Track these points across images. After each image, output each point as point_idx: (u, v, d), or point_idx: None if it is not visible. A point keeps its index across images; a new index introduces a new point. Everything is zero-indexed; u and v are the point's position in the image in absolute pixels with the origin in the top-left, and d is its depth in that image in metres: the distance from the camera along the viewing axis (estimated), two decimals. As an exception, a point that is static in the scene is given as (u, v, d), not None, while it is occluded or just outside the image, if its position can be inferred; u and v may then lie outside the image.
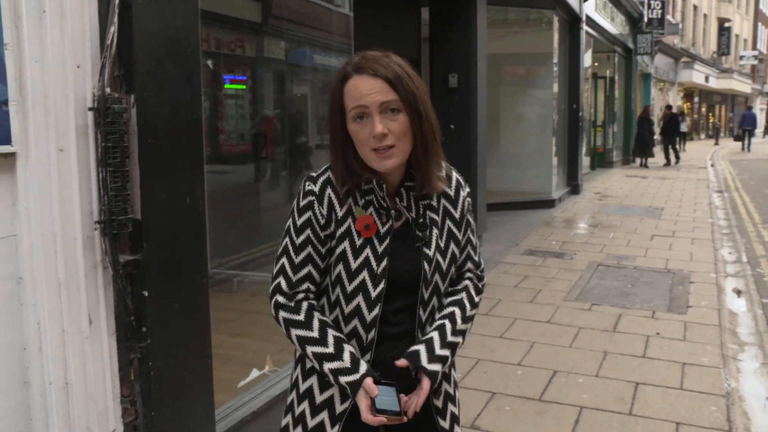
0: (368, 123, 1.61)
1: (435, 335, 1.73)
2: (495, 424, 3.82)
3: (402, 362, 1.67)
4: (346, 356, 1.66)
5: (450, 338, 1.74)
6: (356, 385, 1.63)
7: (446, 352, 1.72)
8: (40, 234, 2.15)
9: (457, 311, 1.79)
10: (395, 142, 1.62)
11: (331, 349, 1.66)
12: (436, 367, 1.69)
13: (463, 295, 1.83)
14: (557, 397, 4.18)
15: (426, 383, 1.67)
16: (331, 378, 1.67)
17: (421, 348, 1.69)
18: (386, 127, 1.60)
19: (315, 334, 1.68)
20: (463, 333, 1.78)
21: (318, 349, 1.67)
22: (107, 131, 2.30)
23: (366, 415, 1.61)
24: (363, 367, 1.66)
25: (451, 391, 1.86)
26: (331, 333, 1.69)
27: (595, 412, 3.97)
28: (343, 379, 1.65)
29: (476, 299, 1.86)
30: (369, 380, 1.63)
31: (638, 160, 21.18)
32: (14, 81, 2.05)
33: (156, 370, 2.54)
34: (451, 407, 1.85)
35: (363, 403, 1.63)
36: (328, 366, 1.67)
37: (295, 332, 1.70)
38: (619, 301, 6.21)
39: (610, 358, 4.80)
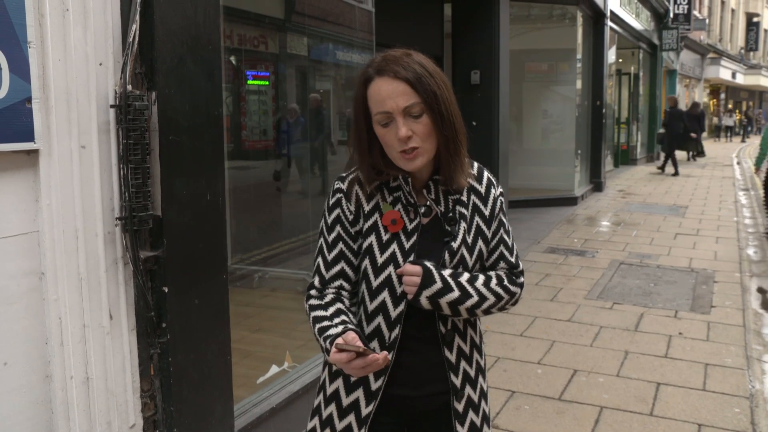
0: (393, 127, 1.62)
1: (465, 272, 1.71)
2: (514, 424, 3.80)
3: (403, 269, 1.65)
4: (338, 320, 1.64)
5: (462, 279, 1.68)
6: (336, 336, 1.56)
7: (450, 281, 1.66)
8: (62, 230, 2.18)
9: (481, 275, 1.73)
10: (420, 143, 1.63)
11: (329, 320, 1.64)
12: (433, 267, 1.65)
13: (493, 273, 1.78)
14: (577, 396, 4.15)
15: (416, 268, 1.64)
16: (321, 342, 1.62)
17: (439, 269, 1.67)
18: (410, 129, 1.61)
19: (327, 314, 1.67)
20: (479, 293, 1.69)
21: (323, 324, 1.64)
22: (128, 128, 2.32)
23: (331, 355, 1.53)
24: (350, 327, 1.60)
25: (475, 398, 1.80)
26: (342, 316, 1.66)
27: (615, 412, 3.94)
28: (325, 334, 1.60)
29: (506, 281, 1.77)
30: (350, 332, 1.55)
31: (686, 155, 21.32)
32: (37, 78, 2.06)
33: (175, 365, 2.56)
34: (472, 415, 1.80)
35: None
36: (318, 327, 1.64)
37: (312, 314, 1.70)
38: (642, 300, 6.15)
39: (631, 358, 4.77)
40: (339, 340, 1.52)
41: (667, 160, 17.45)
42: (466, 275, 1.70)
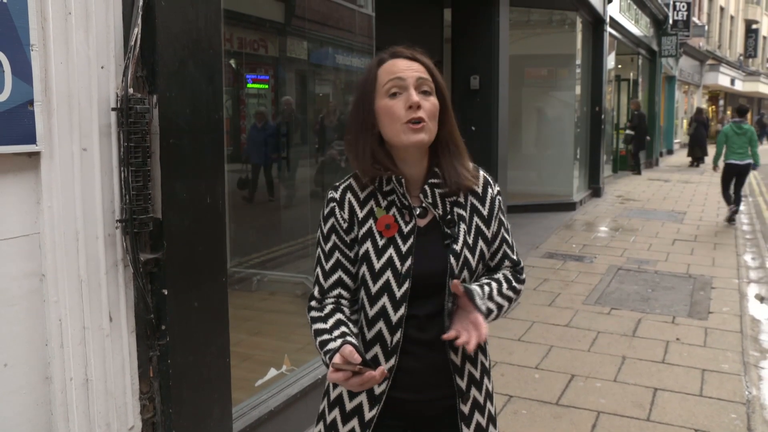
0: (402, 96, 1.65)
1: (485, 285, 1.73)
2: (511, 428, 3.81)
3: (458, 288, 1.63)
4: (337, 332, 1.64)
5: (495, 296, 1.73)
6: (335, 351, 1.56)
7: (483, 306, 1.68)
8: (63, 232, 2.18)
9: (494, 284, 1.76)
10: (426, 118, 1.65)
11: (329, 333, 1.65)
12: (481, 303, 1.66)
13: (500, 275, 1.81)
14: (574, 401, 4.16)
15: (480, 317, 1.63)
16: (322, 356, 1.63)
17: (475, 287, 1.68)
18: (420, 102, 1.65)
19: (327, 326, 1.67)
20: (498, 305, 1.74)
21: (323, 337, 1.65)
22: (130, 131, 2.33)
23: (329, 375, 1.53)
24: (348, 339, 1.61)
25: (480, 399, 1.82)
26: (342, 327, 1.67)
27: (612, 417, 3.95)
28: (326, 348, 1.61)
29: (513, 282, 1.81)
30: (347, 346, 1.55)
31: (691, 160, 21.61)
32: (39, 81, 2.08)
33: (175, 367, 2.57)
34: (477, 416, 1.81)
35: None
36: (319, 340, 1.65)
37: (314, 327, 1.71)
38: (639, 306, 6.16)
39: (628, 363, 4.78)
40: (336, 359, 1.53)
41: (637, 160, 19.24)
42: (486, 290, 1.72)
